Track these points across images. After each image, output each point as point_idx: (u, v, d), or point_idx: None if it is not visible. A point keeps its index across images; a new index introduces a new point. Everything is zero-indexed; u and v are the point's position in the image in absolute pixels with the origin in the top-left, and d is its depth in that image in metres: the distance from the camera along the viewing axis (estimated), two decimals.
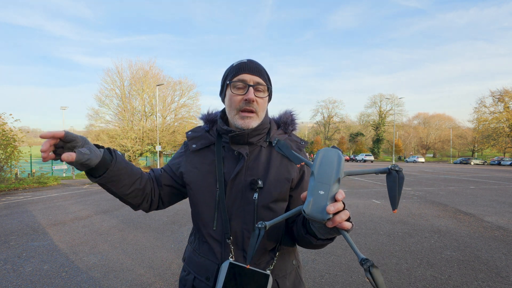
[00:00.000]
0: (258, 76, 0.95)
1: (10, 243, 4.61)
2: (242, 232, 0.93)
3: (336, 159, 0.68)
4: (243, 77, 0.93)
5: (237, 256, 0.93)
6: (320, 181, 0.67)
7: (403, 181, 0.63)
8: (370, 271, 0.60)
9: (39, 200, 8.99)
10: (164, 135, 25.27)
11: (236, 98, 0.94)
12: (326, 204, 0.65)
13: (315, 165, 0.69)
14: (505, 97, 48.07)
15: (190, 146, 1.04)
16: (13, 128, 13.18)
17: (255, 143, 1.00)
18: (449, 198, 8.79)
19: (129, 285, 3.16)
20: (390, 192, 0.64)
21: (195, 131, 1.08)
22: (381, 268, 3.51)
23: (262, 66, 0.99)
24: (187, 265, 1.03)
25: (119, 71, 25.50)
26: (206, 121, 1.09)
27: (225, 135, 1.00)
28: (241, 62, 0.97)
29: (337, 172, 0.67)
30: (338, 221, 0.65)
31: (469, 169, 26.52)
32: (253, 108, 0.93)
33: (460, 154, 64.57)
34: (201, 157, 1.02)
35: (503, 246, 4.30)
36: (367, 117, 72.07)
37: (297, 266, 1.04)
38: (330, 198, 0.65)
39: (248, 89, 0.92)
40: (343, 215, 0.66)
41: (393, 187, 0.64)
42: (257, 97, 0.94)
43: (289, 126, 1.07)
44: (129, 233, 5.17)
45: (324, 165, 0.68)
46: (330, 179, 0.66)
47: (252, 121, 0.94)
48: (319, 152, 0.70)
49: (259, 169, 0.96)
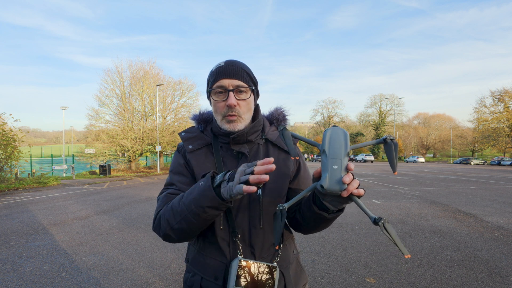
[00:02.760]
0: (236, 79, 0.94)
1: (10, 243, 4.61)
2: (249, 229, 0.95)
3: (343, 136, 0.75)
4: (222, 83, 0.93)
5: (245, 253, 0.94)
6: (332, 157, 0.73)
7: (397, 147, 0.75)
8: (385, 227, 0.70)
9: (39, 200, 8.99)
10: (164, 135, 25.25)
11: (218, 104, 0.95)
12: (341, 176, 0.71)
13: (325, 144, 0.75)
14: (505, 97, 48.04)
15: (186, 147, 1.02)
16: (13, 128, 13.19)
17: (253, 140, 1.02)
18: (449, 198, 8.79)
19: (129, 285, 3.16)
20: (389, 158, 0.75)
21: (190, 132, 1.06)
22: (381, 268, 3.52)
23: (241, 66, 0.97)
24: (192, 266, 1.01)
25: (119, 71, 25.49)
26: (200, 122, 1.08)
27: (223, 136, 1.01)
28: (218, 66, 0.96)
29: (346, 147, 0.74)
30: (352, 190, 0.73)
31: (469, 169, 26.52)
32: (235, 112, 0.94)
33: (460, 154, 64.52)
34: (200, 158, 1.01)
35: (503, 246, 4.30)
36: (367, 117, 72.05)
37: (297, 255, 1.09)
38: (343, 170, 0.72)
39: (228, 94, 0.92)
40: (355, 184, 0.74)
41: (390, 154, 0.75)
42: (239, 100, 0.94)
43: (281, 122, 1.10)
44: (129, 233, 5.17)
45: (334, 142, 0.74)
46: (340, 154, 0.73)
47: (237, 124, 0.95)
48: (327, 132, 0.76)
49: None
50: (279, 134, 0.84)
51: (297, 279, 1.03)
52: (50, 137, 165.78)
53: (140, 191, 11.27)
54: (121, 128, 24.87)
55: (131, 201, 8.74)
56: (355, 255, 3.98)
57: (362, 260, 3.78)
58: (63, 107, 24.04)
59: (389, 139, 0.75)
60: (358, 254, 4.01)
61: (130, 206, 7.78)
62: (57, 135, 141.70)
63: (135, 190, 11.64)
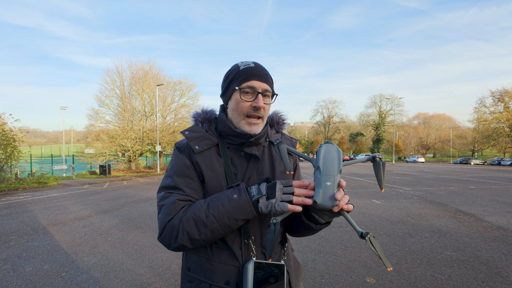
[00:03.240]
0: (266, 83, 0.96)
1: (10, 243, 4.61)
2: (260, 230, 0.97)
3: (337, 154, 0.79)
4: (253, 84, 0.93)
5: (258, 254, 0.96)
6: (326, 173, 0.77)
7: (385, 166, 0.81)
8: (371, 241, 0.76)
9: (39, 200, 8.99)
10: (164, 135, 25.25)
11: (244, 104, 0.94)
12: (333, 193, 0.76)
13: (319, 161, 0.79)
14: (505, 97, 48.04)
15: (193, 147, 0.97)
16: (13, 128, 13.19)
17: (261, 143, 1.04)
18: (449, 198, 8.79)
19: (129, 285, 3.16)
20: (377, 175, 0.81)
21: (195, 131, 1.01)
22: (381, 268, 3.51)
23: (267, 71, 1.00)
24: (195, 274, 0.97)
25: (119, 71, 25.49)
26: (203, 121, 1.05)
27: (233, 137, 0.98)
28: (248, 66, 0.96)
29: (339, 164, 0.78)
30: (343, 205, 0.78)
31: (469, 169, 26.52)
32: (261, 114, 0.96)
33: (460, 154, 64.54)
34: (208, 159, 0.97)
35: (503, 246, 4.30)
36: (367, 117, 72.07)
37: (293, 252, 1.15)
38: (336, 187, 0.77)
39: (257, 96, 0.94)
40: (345, 199, 0.79)
41: (378, 171, 0.80)
42: (265, 104, 0.96)
43: (281, 126, 1.14)
44: (129, 233, 5.17)
45: (327, 159, 0.78)
46: (334, 171, 0.77)
47: (258, 127, 0.97)
48: (321, 149, 0.80)
49: (266, 168, 1.02)
50: (275, 148, 0.89)
51: (297, 273, 1.09)
52: (50, 137, 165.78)
53: (140, 191, 11.27)
54: (121, 128, 24.87)
55: (131, 201, 8.74)
56: (355, 255, 3.98)
57: (362, 260, 3.78)
58: (63, 107, 24.04)
59: (378, 158, 0.80)
60: (358, 254, 4.01)
61: (130, 206, 7.78)
62: (57, 135, 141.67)
63: (135, 190, 11.65)
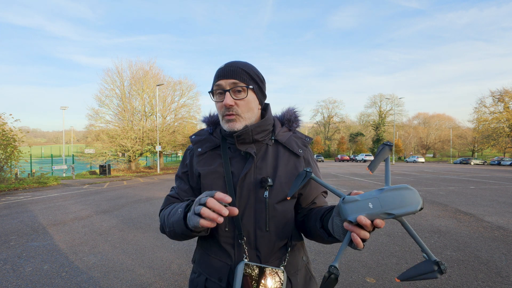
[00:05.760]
0: (233, 78, 0.93)
1: (10, 243, 4.61)
2: (254, 231, 0.93)
3: (410, 204, 0.64)
4: (219, 83, 0.94)
5: (251, 256, 0.93)
6: (381, 201, 0.66)
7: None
8: (328, 278, 0.63)
9: (39, 200, 8.98)
10: (164, 135, 25.26)
11: (218, 105, 0.97)
12: (361, 214, 0.65)
13: (390, 186, 0.68)
14: (505, 97, 48.03)
15: (196, 150, 1.03)
16: (13, 128, 13.19)
17: (261, 140, 0.99)
18: (449, 198, 8.79)
19: (129, 285, 3.16)
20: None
21: (199, 135, 1.07)
22: (381, 268, 3.51)
23: (240, 65, 0.96)
24: (198, 266, 1.01)
25: (119, 71, 25.49)
26: (209, 124, 1.09)
27: (229, 137, 1.00)
28: (219, 68, 0.97)
29: (400, 212, 0.65)
30: (355, 232, 0.67)
31: (469, 169, 26.52)
32: (233, 112, 0.94)
33: (460, 154, 64.51)
34: (209, 160, 1.01)
35: (503, 246, 4.30)
36: (367, 117, 72.08)
37: (306, 262, 1.05)
38: (369, 215, 0.65)
39: (225, 94, 0.93)
40: (363, 232, 0.67)
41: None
42: (237, 100, 0.93)
43: (293, 124, 1.08)
44: (129, 233, 5.17)
45: (397, 198, 0.65)
46: (387, 208, 0.65)
47: (236, 123, 0.94)
48: (407, 187, 0.66)
49: (267, 168, 0.97)
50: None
51: (306, 287, 0.99)
52: (50, 137, 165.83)
53: (140, 191, 11.27)
54: (121, 128, 24.87)
55: (131, 201, 8.74)
56: (355, 255, 3.98)
57: (362, 260, 3.78)
58: (63, 107, 24.03)
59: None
60: (358, 254, 4.01)
61: (130, 206, 7.78)
62: (57, 135, 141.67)
63: (135, 190, 11.64)
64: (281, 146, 1.02)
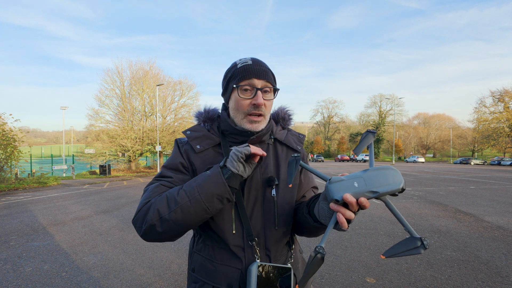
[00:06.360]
0: (264, 79, 0.92)
1: (10, 243, 4.61)
2: (263, 231, 0.93)
3: (393, 182, 0.67)
4: (251, 82, 0.91)
5: (262, 256, 0.91)
6: (366, 180, 0.68)
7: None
8: (314, 258, 0.63)
9: (39, 200, 8.98)
10: (164, 135, 25.24)
11: (243, 102, 0.92)
12: (347, 192, 0.67)
13: (373, 167, 0.71)
14: (505, 97, 48.02)
15: (194, 147, 0.97)
16: (13, 128, 13.19)
17: (264, 140, 1.00)
18: (449, 198, 8.79)
19: (129, 285, 3.16)
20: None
21: (196, 130, 1.01)
22: (381, 268, 3.51)
23: (267, 66, 0.96)
24: (199, 275, 0.95)
25: (119, 71, 25.48)
26: (205, 120, 1.04)
27: (235, 135, 0.97)
28: (246, 64, 0.93)
29: (384, 189, 0.66)
30: (341, 211, 0.67)
31: (469, 169, 26.52)
32: (261, 111, 0.92)
33: (460, 154, 64.51)
34: (208, 158, 0.97)
35: (503, 246, 4.30)
36: (367, 117, 72.03)
37: (302, 254, 1.10)
38: (354, 193, 0.66)
39: (256, 93, 0.91)
40: (348, 212, 0.67)
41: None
42: (265, 100, 0.93)
43: (287, 122, 1.10)
44: (129, 233, 5.17)
45: (381, 177, 0.68)
46: (372, 186, 0.67)
47: (260, 124, 0.94)
48: (390, 167, 0.69)
49: (271, 166, 0.98)
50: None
51: None
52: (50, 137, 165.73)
53: (140, 191, 11.26)
54: (121, 128, 24.86)
55: (131, 201, 8.74)
56: (355, 255, 3.98)
57: (362, 260, 3.78)
58: (63, 107, 24.04)
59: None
60: (358, 254, 4.01)
61: (130, 206, 7.78)
62: (57, 135, 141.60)
63: (135, 190, 11.64)
64: (279, 144, 1.04)
